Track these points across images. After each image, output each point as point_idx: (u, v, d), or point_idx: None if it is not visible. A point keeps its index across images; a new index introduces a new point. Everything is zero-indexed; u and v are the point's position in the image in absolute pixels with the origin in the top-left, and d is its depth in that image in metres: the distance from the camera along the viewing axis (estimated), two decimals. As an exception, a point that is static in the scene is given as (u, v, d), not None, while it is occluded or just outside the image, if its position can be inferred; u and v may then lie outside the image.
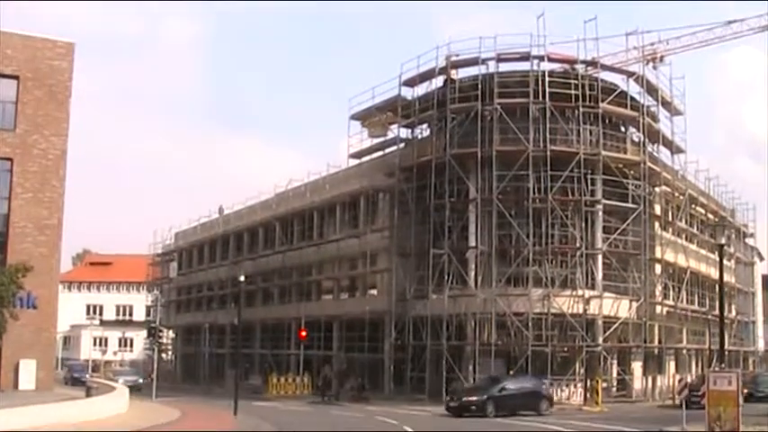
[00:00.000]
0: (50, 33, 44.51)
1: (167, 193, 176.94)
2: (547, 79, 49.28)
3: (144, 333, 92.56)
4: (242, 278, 44.91)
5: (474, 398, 39.03)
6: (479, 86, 49.69)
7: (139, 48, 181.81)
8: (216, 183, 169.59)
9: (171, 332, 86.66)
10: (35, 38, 43.77)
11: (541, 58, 50.31)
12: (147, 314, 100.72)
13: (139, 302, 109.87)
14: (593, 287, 48.93)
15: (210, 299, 78.16)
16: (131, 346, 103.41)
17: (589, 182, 49.33)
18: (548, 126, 48.71)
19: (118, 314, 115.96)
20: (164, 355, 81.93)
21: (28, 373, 41.10)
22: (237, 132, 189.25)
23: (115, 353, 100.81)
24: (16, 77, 42.82)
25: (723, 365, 28.60)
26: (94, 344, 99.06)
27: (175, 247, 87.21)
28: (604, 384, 46.19)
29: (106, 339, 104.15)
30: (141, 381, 60.12)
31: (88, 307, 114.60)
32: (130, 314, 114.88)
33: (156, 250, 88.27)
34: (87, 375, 63.03)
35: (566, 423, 33.44)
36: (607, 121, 51.44)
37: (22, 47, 43.21)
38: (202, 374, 72.76)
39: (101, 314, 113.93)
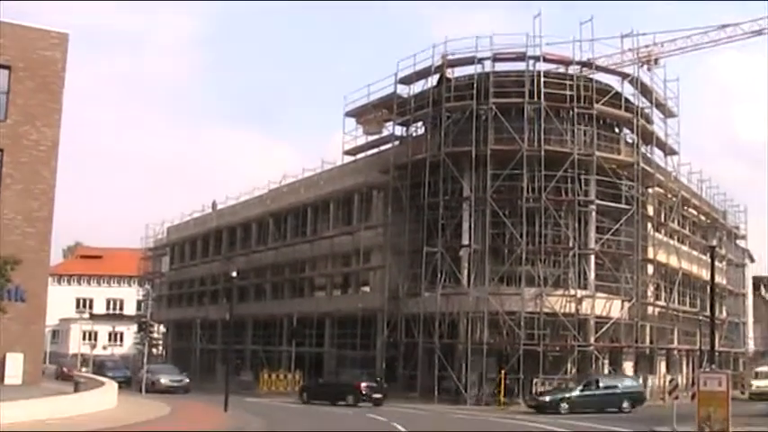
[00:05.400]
0: (44, 24, 43.87)
1: (160, 186, 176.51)
2: (542, 79, 49.22)
3: (134, 327, 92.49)
4: (234, 273, 44.79)
5: None
6: (475, 85, 49.68)
7: (135, 42, 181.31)
8: (209, 177, 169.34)
9: (162, 327, 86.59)
10: (28, 27, 42.78)
11: (537, 59, 50.32)
12: (138, 308, 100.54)
13: (130, 297, 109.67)
14: (585, 287, 49.01)
15: (202, 294, 78.12)
16: (121, 340, 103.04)
17: (583, 182, 49.39)
18: (542, 126, 48.69)
19: (108, 308, 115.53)
20: (154, 350, 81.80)
21: (15, 367, 40.51)
22: (232, 127, 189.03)
23: (105, 347, 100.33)
24: (8, 67, 42.15)
25: (713, 366, 28.70)
26: (84, 338, 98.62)
27: (168, 242, 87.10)
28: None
29: (96, 333, 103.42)
30: (188, 381, 54.22)
31: (78, 300, 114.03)
32: (121, 308, 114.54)
33: (149, 244, 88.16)
34: (127, 372, 60.01)
35: (557, 422, 33.52)
36: (601, 121, 51.41)
37: (15, 36, 42.15)
38: (193, 370, 72.60)
39: (90, 308, 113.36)
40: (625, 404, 41.30)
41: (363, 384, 45.09)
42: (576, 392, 41.75)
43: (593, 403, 40.85)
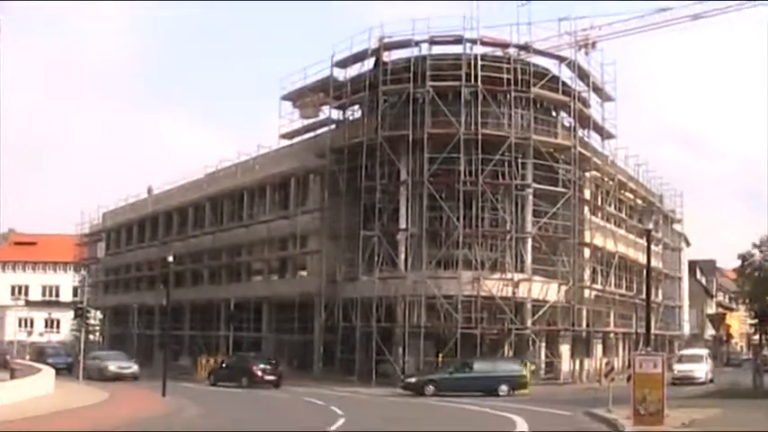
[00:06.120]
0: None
1: (95, 171, 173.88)
2: (479, 63, 49.27)
3: (71, 314, 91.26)
4: (171, 259, 44.36)
5: None
6: (411, 69, 49.56)
7: (63, 25, 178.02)
8: (145, 162, 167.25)
9: (99, 313, 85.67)
10: (-44, 15, 42.13)
11: (474, 42, 50.27)
12: (75, 295, 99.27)
13: (66, 283, 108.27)
14: (522, 270, 49.27)
15: (139, 279, 77.35)
16: (58, 327, 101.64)
17: (520, 166, 49.56)
18: (479, 109, 48.81)
19: (44, 295, 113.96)
20: (91, 337, 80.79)
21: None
22: (168, 111, 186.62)
23: (41, 334, 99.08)
24: (-64, 55, 41.34)
25: (649, 348, 29.02)
26: (20, 325, 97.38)
27: (103, 227, 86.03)
28: (533, 367, 46.48)
29: (32, 320, 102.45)
30: (137, 368, 51.91)
31: (13, 287, 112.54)
32: (57, 295, 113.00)
33: (84, 230, 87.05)
34: (69, 359, 57.17)
35: (493, 405, 33.63)
36: (538, 105, 51.72)
37: (-58, 24, 41.60)
38: (131, 356, 71.82)
39: (26, 295, 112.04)
40: (503, 388, 40.49)
41: (256, 367, 46.58)
42: (445, 375, 41.89)
43: (464, 386, 40.48)
